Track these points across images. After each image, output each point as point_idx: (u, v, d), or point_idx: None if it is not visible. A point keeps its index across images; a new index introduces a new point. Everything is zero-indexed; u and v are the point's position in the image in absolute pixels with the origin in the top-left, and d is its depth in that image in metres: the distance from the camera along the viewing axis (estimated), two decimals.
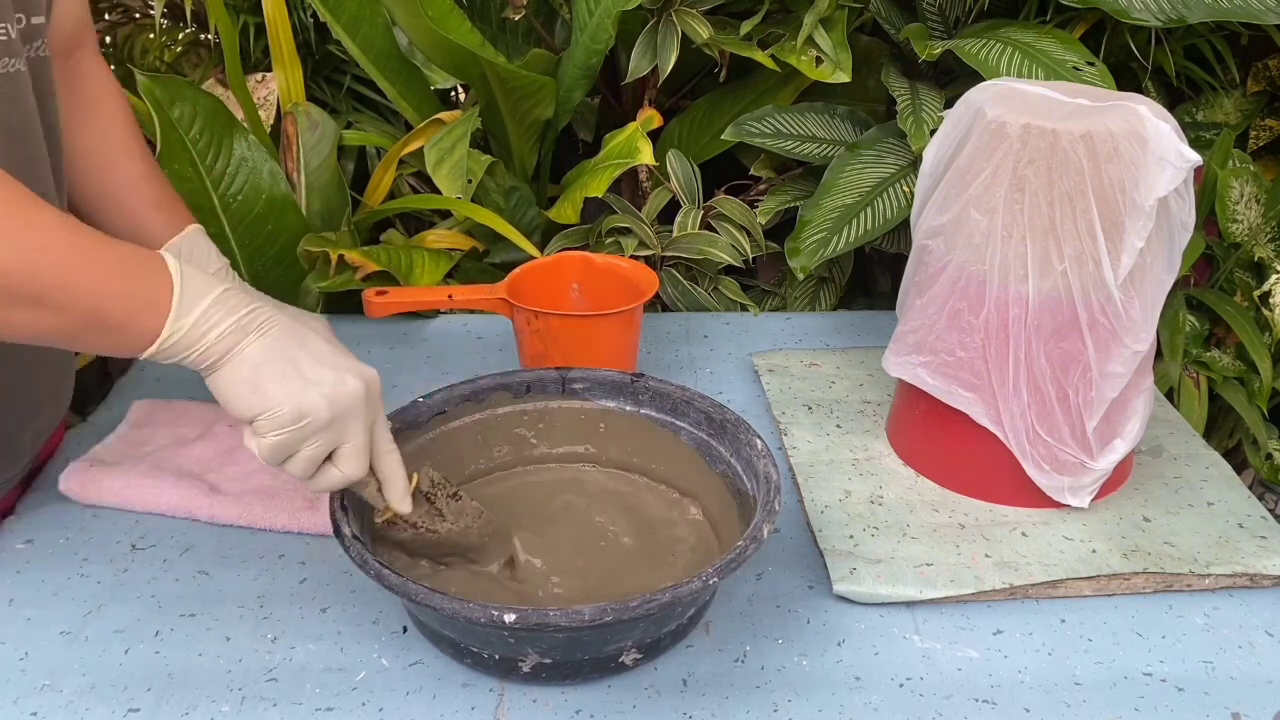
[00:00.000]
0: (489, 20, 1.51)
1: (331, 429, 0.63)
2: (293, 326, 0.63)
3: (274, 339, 0.62)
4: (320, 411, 0.62)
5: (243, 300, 0.62)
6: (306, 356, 0.63)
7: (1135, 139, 0.74)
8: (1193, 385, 1.37)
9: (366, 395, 0.64)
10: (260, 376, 0.61)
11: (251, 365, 0.61)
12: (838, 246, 1.19)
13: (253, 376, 0.61)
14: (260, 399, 0.61)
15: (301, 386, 0.62)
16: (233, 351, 0.61)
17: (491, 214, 1.30)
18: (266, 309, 0.63)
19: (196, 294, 0.61)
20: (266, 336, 0.62)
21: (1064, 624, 0.76)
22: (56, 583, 0.77)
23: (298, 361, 0.62)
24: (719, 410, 0.80)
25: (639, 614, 0.62)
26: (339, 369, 0.63)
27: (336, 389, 0.62)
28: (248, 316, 0.62)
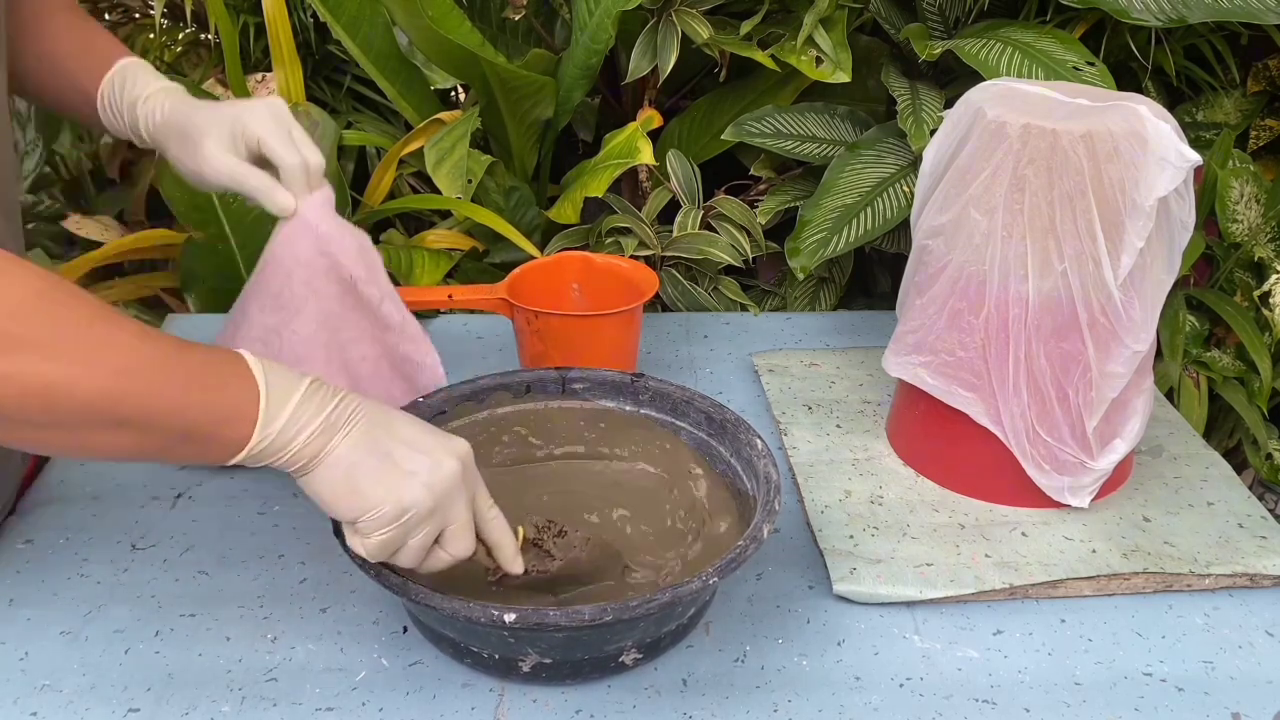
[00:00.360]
0: (489, 20, 1.51)
1: (435, 516, 0.61)
2: (378, 413, 0.61)
3: (363, 432, 0.60)
4: (423, 502, 0.60)
5: (329, 392, 0.60)
6: (399, 445, 0.60)
7: (1135, 139, 0.74)
8: (1193, 385, 1.37)
9: (464, 472, 0.62)
10: (356, 476, 0.59)
11: (345, 466, 0.59)
12: (838, 246, 1.19)
13: (348, 478, 0.59)
14: (360, 500, 0.59)
15: (400, 480, 0.60)
16: (324, 453, 0.59)
17: (491, 214, 1.30)
18: (350, 402, 0.61)
19: (283, 396, 0.58)
20: (355, 430, 0.60)
21: (1064, 624, 0.76)
22: (56, 583, 0.77)
23: (391, 453, 0.60)
24: (719, 410, 0.80)
25: (639, 614, 0.62)
26: (432, 452, 0.61)
27: (434, 475, 0.60)
28: (336, 411, 0.59)
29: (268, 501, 0.86)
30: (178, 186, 1.32)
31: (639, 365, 1.02)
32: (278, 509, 0.85)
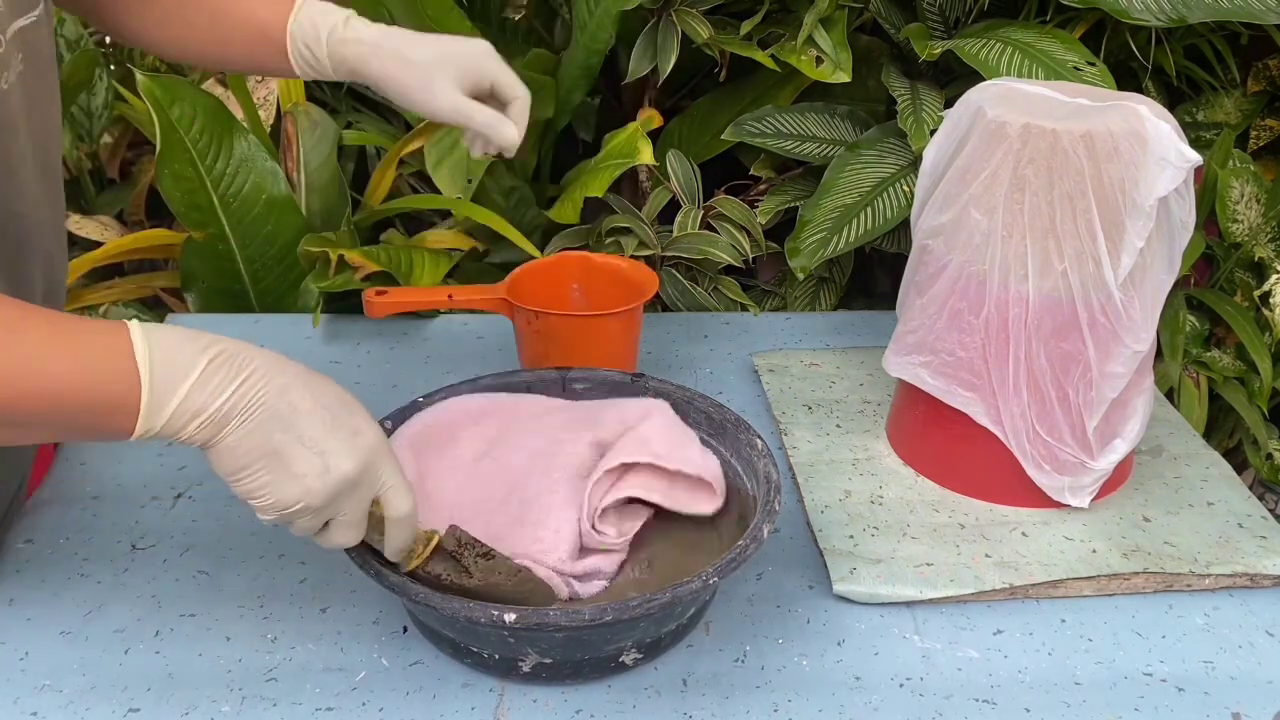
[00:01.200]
0: (489, 20, 1.50)
1: (323, 511, 0.61)
2: (279, 407, 0.58)
3: (257, 424, 0.58)
4: (308, 500, 0.59)
5: (229, 374, 0.57)
6: (293, 443, 0.58)
7: (1135, 139, 0.74)
8: (1193, 385, 1.37)
9: (363, 473, 0.61)
10: (241, 470, 0.58)
11: (233, 458, 0.58)
12: (838, 246, 1.19)
13: (235, 469, 0.58)
14: (243, 488, 0.59)
15: (285, 480, 0.59)
16: (214, 441, 0.57)
17: (491, 214, 1.30)
18: (254, 384, 0.58)
19: (169, 386, 0.56)
20: (250, 422, 0.58)
21: (1064, 624, 0.76)
22: (56, 583, 0.77)
23: (281, 452, 0.58)
24: (719, 410, 0.80)
25: (639, 614, 0.62)
26: (327, 454, 0.59)
27: (321, 480, 0.59)
28: (232, 398, 0.57)
29: None
30: (177, 186, 1.32)
31: (639, 365, 1.02)
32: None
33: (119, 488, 0.87)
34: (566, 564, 0.71)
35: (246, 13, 0.82)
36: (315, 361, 1.06)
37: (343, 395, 0.62)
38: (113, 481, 0.88)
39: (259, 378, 0.58)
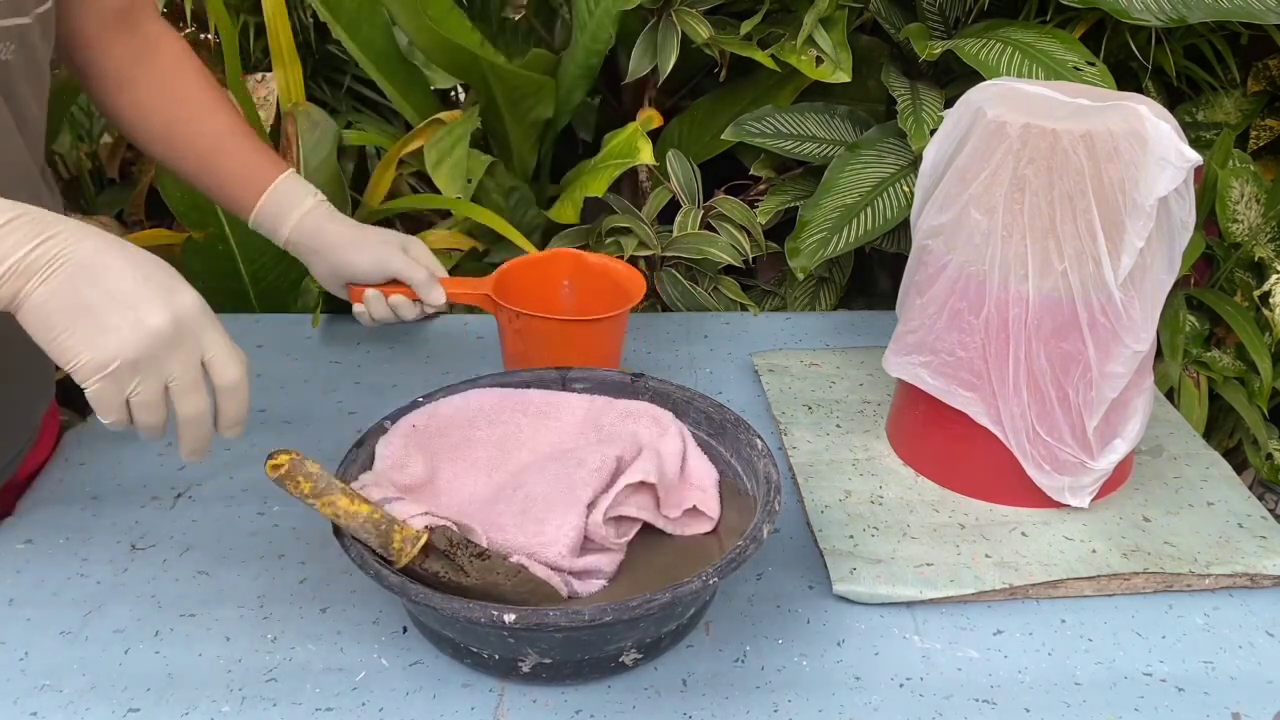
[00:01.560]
0: (489, 20, 1.51)
1: (147, 370, 0.59)
2: (88, 262, 0.58)
3: (62, 281, 0.57)
4: (122, 354, 0.58)
5: (28, 234, 0.57)
6: (101, 297, 0.58)
7: (1135, 139, 0.74)
8: (1193, 385, 1.37)
9: (178, 327, 0.60)
10: (52, 325, 0.57)
11: (42, 314, 0.57)
12: (838, 246, 1.19)
13: (46, 326, 0.57)
14: (58, 349, 0.58)
15: (95, 331, 0.57)
16: (19, 297, 0.57)
17: (491, 214, 1.30)
18: (59, 241, 0.58)
19: None
20: (54, 279, 0.57)
21: (1064, 624, 0.76)
22: (56, 583, 0.77)
23: (91, 306, 0.57)
24: (719, 410, 0.80)
25: (639, 614, 0.62)
26: (139, 304, 0.58)
27: (135, 331, 0.58)
28: (34, 253, 0.57)
29: (268, 501, 0.86)
30: (177, 186, 1.32)
31: (639, 365, 1.02)
32: (278, 509, 0.85)
33: (119, 488, 0.87)
34: (566, 560, 0.71)
35: (229, 170, 0.91)
36: (315, 362, 1.07)
37: (159, 262, 0.62)
38: (113, 481, 0.88)
39: (66, 237, 0.58)
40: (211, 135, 0.90)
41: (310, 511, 0.84)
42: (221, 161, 0.90)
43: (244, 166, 0.90)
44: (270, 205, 0.90)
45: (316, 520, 0.82)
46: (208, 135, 0.90)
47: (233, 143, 0.90)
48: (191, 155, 0.90)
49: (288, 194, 0.90)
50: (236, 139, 0.91)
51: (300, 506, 0.85)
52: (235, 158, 0.90)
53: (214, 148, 0.90)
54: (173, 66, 0.90)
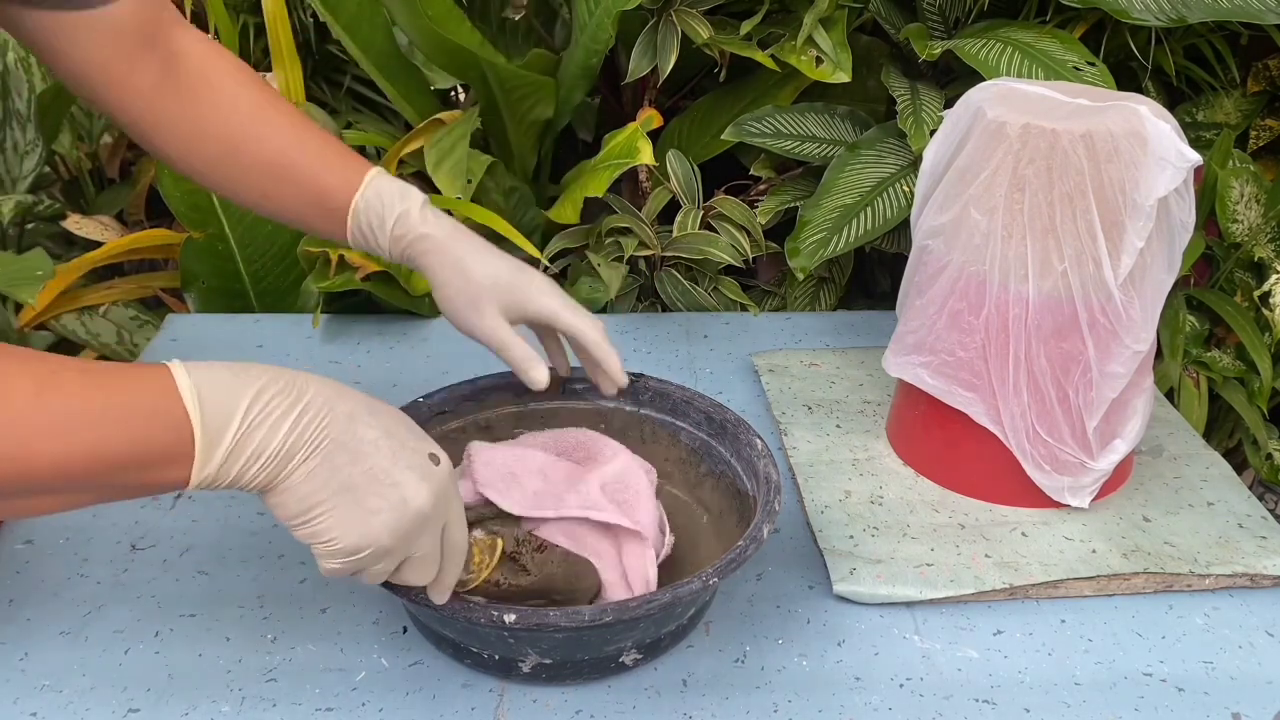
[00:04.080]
0: (489, 20, 1.51)
1: (396, 552, 0.57)
2: (345, 439, 0.54)
3: (324, 459, 0.53)
4: (381, 541, 0.55)
5: (284, 410, 0.52)
6: (362, 477, 0.54)
7: (1135, 139, 0.74)
8: (1193, 385, 1.37)
9: (435, 505, 0.56)
10: (312, 510, 0.53)
11: (300, 497, 0.53)
12: (838, 246, 1.19)
13: (304, 510, 0.53)
14: (314, 532, 0.54)
15: (360, 518, 0.54)
16: (278, 481, 0.53)
17: (491, 214, 1.30)
18: (315, 414, 0.53)
19: (221, 426, 0.51)
20: (315, 458, 0.53)
21: (1064, 624, 0.76)
22: (56, 583, 0.77)
23: (353, 486, 0.54)
24: (719, 410, 0.80)
25: (639, 614, 0.62)
26: (400, 485, 0.55)
27: (398, 515, 0.55)
28: (291, 434, 0.52)
29: None
30: (177, 186, 1.32)
31: (639, 365, 1.02)
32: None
33: None
34: None
35: (309, 175, 0.75)
36: (315, 362, 1.06)
37: (406, 421, 0.58)
38: None
39: (319, 407, 0.54)
40: (269, 154, 0.75)
41: None
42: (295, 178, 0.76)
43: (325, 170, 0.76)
44: (371, 203, 0.75)
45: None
46: (265, 155, 0.75)
47: (298, 151, 0.75)
48: (256, 172, 0.75)
49: (388, 191, 0.75)
50: (300, 144, 0.76)
51: None
52: (310, 166, 0.75)
53: (279, 167, 0.75)
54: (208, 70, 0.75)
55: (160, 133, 0.75)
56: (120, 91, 0.73)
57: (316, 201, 0.76)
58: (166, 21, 0.74)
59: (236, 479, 0.52)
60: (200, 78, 0.74)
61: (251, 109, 0.75)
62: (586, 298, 1.29)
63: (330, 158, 0.76)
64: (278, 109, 0.76)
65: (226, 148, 0.75)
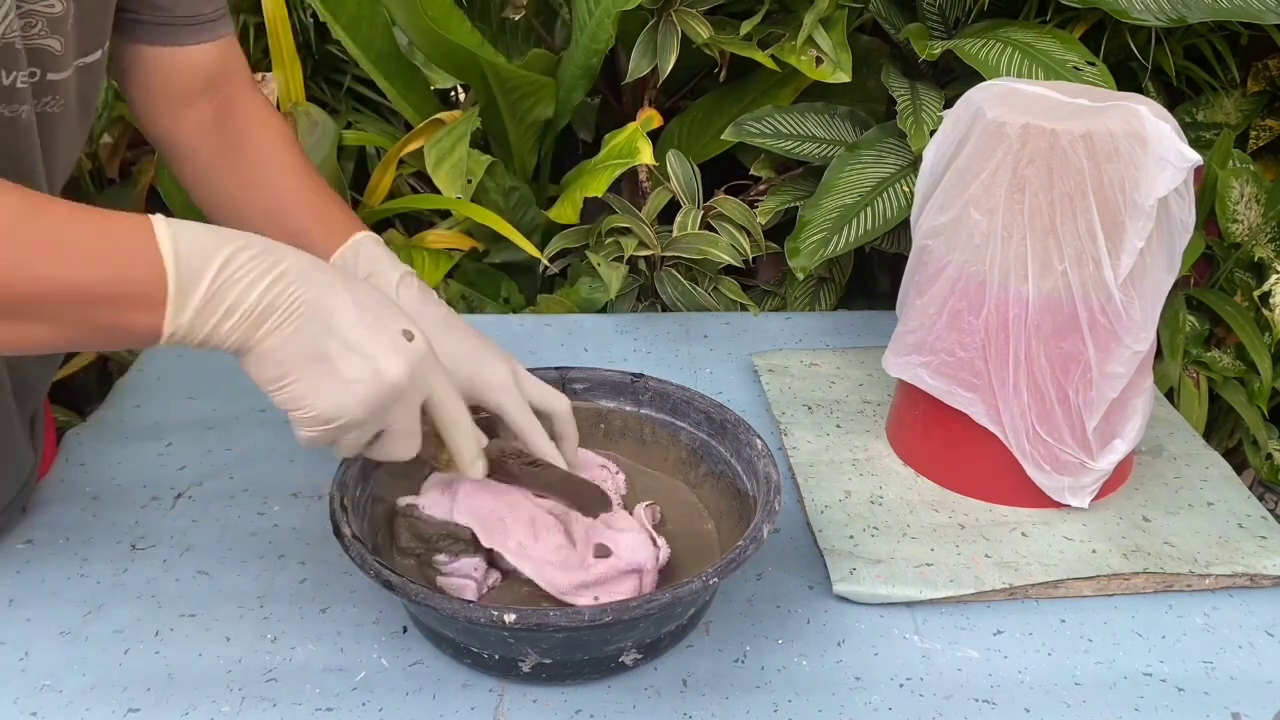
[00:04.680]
0: (489, 20, 1.51)
1: (371, 422, 0.58)
2: (320, 304, 0.55)
3: (297, 327, 0.54)
4: (355, 411, 0.56)
5: (259, 271, 0.53)
6: (337, 345, 0.55)
7: (1135, 139, 0.74)
8: (1193, 385, 1.37)
9: (409, 378, 0.57)
10: (287, 374, 0.55)
11: (275, 361, 0.54)
12: (838, 246, 1.19)
13: (279, 375, 0.55)
14: (290, 398, 0.56)
15: (335, 387, 0.55)
16: (251, 343, 0.54)
17: (491, 214, 1.30)
18: (290, 280, 0.54)
19: (194, 276, 0.52)
20: (289, 325, 0.54)
21: (1064, 624, 0.76)
22: (56, 583, 0.77)
23: (328, 354, 0.55)
24: (719, 410, 0.80)
25: (639, 614, 0.62)
26: (376, 355, 0.56)
27: (373, 384, 0.56)
28: (267, 294, 0.53)
29: (268, 501, 0.86)
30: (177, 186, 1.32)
31: (639, 365, 1.02)
32: (278, 509, 0.85)
33: (119, 488, 0.87)
34: None
35: (299, 226, 0.77)
36: None
37: (384, 298, 0.59)
38: (113, 481, 0.88)
39: (295, 275, 0.55)
40: (275, 194, 0.79)
41: (310, 511, 0.84)
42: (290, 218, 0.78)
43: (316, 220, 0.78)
44: (347, 256, 0.76)
45: (317, 520, 0.83)
46: (271, 194, 0.80)
47: (302, 197, 0.79)
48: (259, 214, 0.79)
49: (369, 253, 0.76)
50: (306, 193, 0.80)
51: (300, 506, 0.85)
52: (306, 212, 0.78)
53: (280, 205, 0.79)
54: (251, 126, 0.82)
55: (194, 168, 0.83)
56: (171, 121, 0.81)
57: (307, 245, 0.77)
58: (231, 80, 0.83)
59: (210, 335, 0.53)
60: (243, 130, 0.82)
61: (275, 167, 0.81)
62: (586, 297, 1.29)
63: (333, 211, 0.79)
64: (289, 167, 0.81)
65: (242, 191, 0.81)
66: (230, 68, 0.83)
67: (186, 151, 0.83)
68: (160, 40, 0.78)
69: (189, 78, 0.80)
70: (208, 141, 0.82)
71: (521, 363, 0.76)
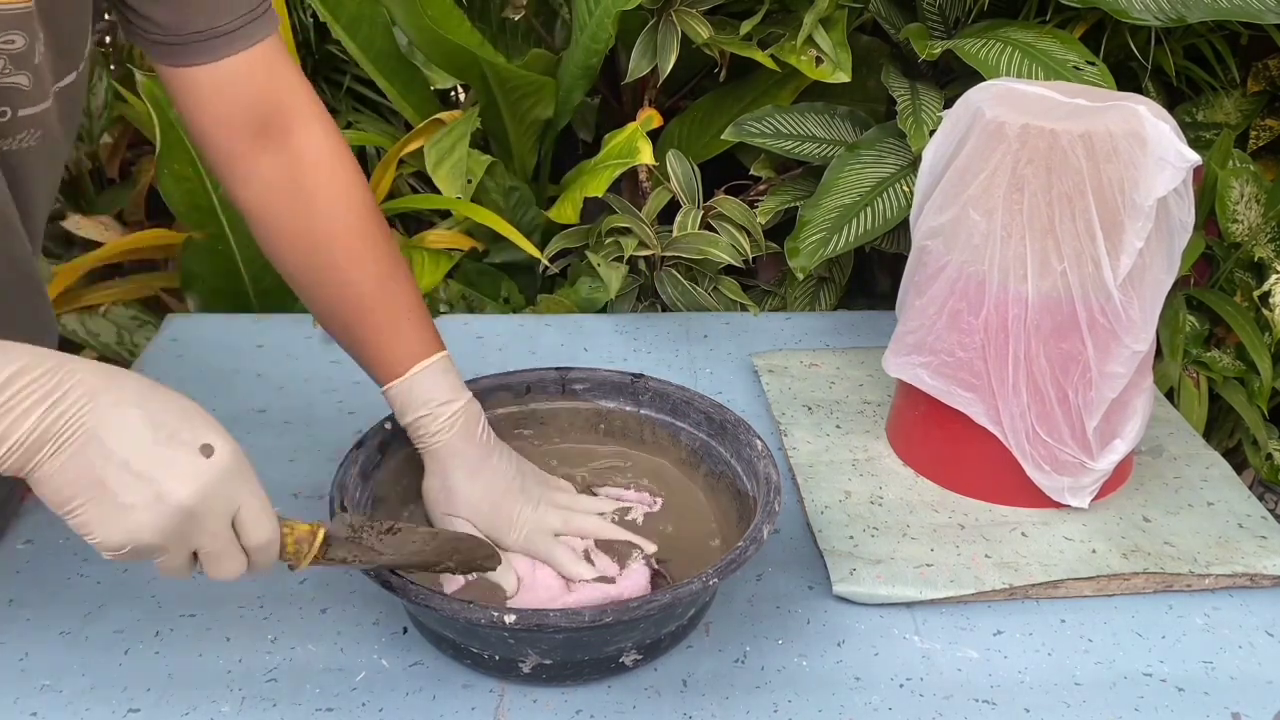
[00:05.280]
0: (489, 20, 1.51)
1: (169, 548, 0.54)
2: (101, 429, 0.52)
3: (75, 451, 0.51)
4: (142, 538, 0.53)
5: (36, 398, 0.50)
6: (116, 470, 0.51)
7: (1135, 139, 0.74)
8: (1193, 385, 1.37)
9: (201, 500, 0.53)
10: (65, 499, 0.52)
11: (53, 488, 0.51)
12: (837, 246, 1.19)
13: (61, 501, 0.52)
14: (77, 523, 0.52)
15: (115, 514, 0.52)
16: (30, 469, 0.51)
17: (491, 214, 1.30)
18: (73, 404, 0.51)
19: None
20: (65, 450, 0.51)
21: (1064, 624, 0.76)
22: (56, 583, 0.77)
23: (106, 480, 0.51)
24: (719, 410, 0.80)
25: (639, 615, 0.62)
26: (158, 479, 0.52)
27: (156, 512, 0.52)
28: (41, 423, 0.50)
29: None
30: (177, 186, 1.32)
31: (639, 365, 1.02)
32: (278, 509, 0.85)
33: None
34: None
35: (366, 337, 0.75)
36: (315, 362, 1.06)
37: (186, 407, 0.55)
38: None
39: (79, 395, 0.51)
40: (340, 301, 0.74)
41: (310, 512, 0.84)
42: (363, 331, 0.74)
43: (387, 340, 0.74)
44: (401, 392, 0.74)
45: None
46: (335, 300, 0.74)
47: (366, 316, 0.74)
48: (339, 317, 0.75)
49: (429, 386, 0.74)
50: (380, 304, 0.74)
51: (300, 506, 0.85)
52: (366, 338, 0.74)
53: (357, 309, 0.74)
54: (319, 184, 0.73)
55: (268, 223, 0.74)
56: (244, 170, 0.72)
57: (373, 358, 0.75)
58: (297, 113, 0.73)
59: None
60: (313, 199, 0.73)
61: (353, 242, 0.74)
62: (586, 297, 1.29)
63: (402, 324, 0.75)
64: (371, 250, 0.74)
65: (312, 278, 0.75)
66: (281, 89, 0.72)
67: (256, 214, 0.74)
68: (176, 60, 0.68)
69: (226, 108, 0.70)
70: (273, 206, 0.73)
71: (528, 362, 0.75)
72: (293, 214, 0.73)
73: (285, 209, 0.73)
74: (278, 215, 0.73)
